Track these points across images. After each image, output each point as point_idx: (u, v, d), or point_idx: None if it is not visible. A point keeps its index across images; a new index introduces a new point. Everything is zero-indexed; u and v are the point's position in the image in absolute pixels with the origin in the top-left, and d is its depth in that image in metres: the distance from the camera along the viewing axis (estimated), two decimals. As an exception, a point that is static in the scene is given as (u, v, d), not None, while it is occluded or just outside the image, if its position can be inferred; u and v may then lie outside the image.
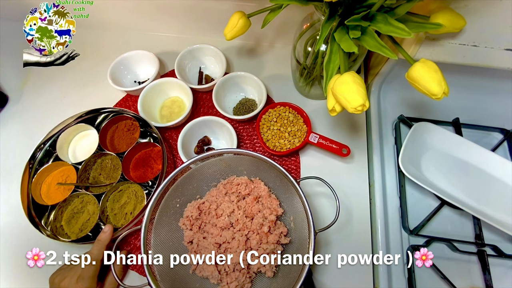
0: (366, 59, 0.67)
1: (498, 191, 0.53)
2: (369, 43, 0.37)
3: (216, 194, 0.48)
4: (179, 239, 0.47)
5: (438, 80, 0.34)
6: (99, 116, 0.57)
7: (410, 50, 0.47)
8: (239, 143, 0.60)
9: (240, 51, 0.70)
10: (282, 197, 0.47)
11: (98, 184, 0.53)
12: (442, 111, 0.60)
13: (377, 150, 0.57)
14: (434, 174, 0.54)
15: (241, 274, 0.43)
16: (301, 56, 0.54)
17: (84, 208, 0.52)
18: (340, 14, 0.39)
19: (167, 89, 0.62)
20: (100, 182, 0.54)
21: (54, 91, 0.66)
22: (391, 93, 0.63)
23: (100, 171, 0.55)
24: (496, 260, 0.50)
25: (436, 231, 0.51)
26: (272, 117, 0.57)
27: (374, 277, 0.50)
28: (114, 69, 0.62)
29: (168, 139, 0.61)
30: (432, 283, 0.49)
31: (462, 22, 0.40)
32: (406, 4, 0.35)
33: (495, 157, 0.54)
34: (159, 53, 0.67)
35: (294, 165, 0.58)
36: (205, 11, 0.64)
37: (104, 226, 0.47)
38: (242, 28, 0.48)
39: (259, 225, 0.44)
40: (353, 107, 0.35)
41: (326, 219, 0.53)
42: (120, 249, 0.52)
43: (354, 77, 0.35)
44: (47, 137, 0.54)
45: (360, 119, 0.61)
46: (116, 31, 0.72)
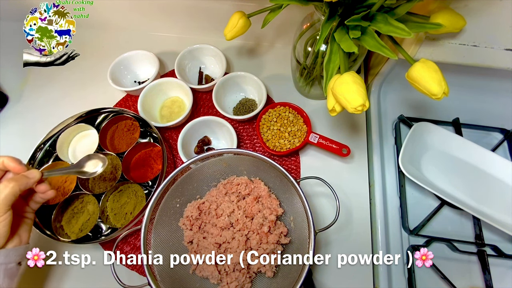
0: (366, 59, 0.67)
1: (498, 191, 0.53)
2: (369, 43, 0.37)
3: (216, 194, 0.48)
4: (179, 239, 0.47)
5: (438, 80, 0.34)
6: (99, 116, 0.57)
7: (410, 50, 0.47)
8: (239, 143, 0.60)
9: (240, 51, 0.70)
10: (282, 197, 0.47)
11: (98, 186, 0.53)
12: (442, 111, 0.60)
13: (377, 150, 0.57)
14: (434, 174, 0.54)
15: (241, 274, 0.43)
16: (301, 56, 0.54)
17: (84, 208, 0.52)
18: (340, 14, 0.39)
19: (167, 89, 0.62)
20: (100, 182, 0.54)
21: (54, 91, 0.66)
22: (391, 93, 0.63)
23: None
24: (496, 260, 0.50)
25: (436, 231, 0.51)
26: (272, 117, 0.57)
27: (374, 277, 0.50)
28: (114, 69, 0.62)
29: (168, 139, 0.61)
30: (432, 283, 0.49)
31: (462, 22, 0.40)
32: (406, 4, 0.35)
33: (495, 157, 0.54)
34: (159, 53, 0.67)
35: (294, 165, 0.58)
36: (205, 11, 0.64)
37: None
38: (242, 28, 0.48)
39: (259, 225, 0.44)
40: (353, 107, 0.35)
41: (326, 219, 0.53)
42: (121, 249, 0.52)
43: (354, 77, 0.35)
44: (47, 137, 0.54)
45: (360, 119, 0.61)
46: (116, 31, 0.72)
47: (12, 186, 0.36)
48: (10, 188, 0.36)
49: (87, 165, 0.45)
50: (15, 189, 0.36)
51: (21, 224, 0.40)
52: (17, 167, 0.38)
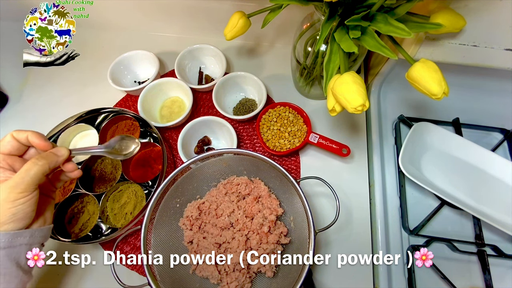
0: (366, 59, 0.67)
1: (498, 191, 0.53)
2: (369, 43, 0.37)
3: (216, 194, 0.48)
4: (179, 239, 0.47)
5: (438, 80, 0.34)
6: (99, 116, 0.57)
7: (410, 50, 0.47)
8: (239, 143, 0.60)
9: (240, 51, 0.70)
10: (282, 197, 0.47)
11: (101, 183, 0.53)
12: (442, 111, 0.60)
13: (377, 150, 0.57)
14: (434, 174, 0.54)
15: (241, 274, 0.43)
16: (301, 56, 0.54)
17: (84, 208, 0.52)
18: (340, 14, 0.39)
19: (167, 89, 0.62)
20: (100, 182, 0.54)
21: (54, 91, 0.66)
22: (391, 93, 0.63)
23: (101, 171, 0.55)
24: (496, 260, 0.50)
25: (436, 231, 0.51)
26: (272, 117, 0.57)
27: (374, 277, 0.50)
28: (114, 69, 0.62)
29: (168, 139, 0.61)
30: (432, 283, 0.49)
31: (462, 22, 0.40)
32: (406, 4, 0.35)
33: (495, 157, 0.54)
34: (159, 53, 0.67)
35: (294, 165, 0.58)
36: (205, 11, 0.64)
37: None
38: (242, 28, 0.48)
39: (259, 225, 0.44)
40: (353, 107, 0.35)
41: (326, 219, 0.53)
42: (121, 249, 0.52)
43: (354, 77, 0.35)
44: (47, 137, 0.54)
45: (360, 119, 0.61)
46: (116, 31, 0.72)
47: (42, 164, 0.34)
48: (40, 166, 0.33)
49: (119, 146, 0.43)
50: (45, 167, 0.34)
51: (46, 204, 0.39)
52: (42, 143, 0.36)
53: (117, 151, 0.43)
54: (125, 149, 0.44)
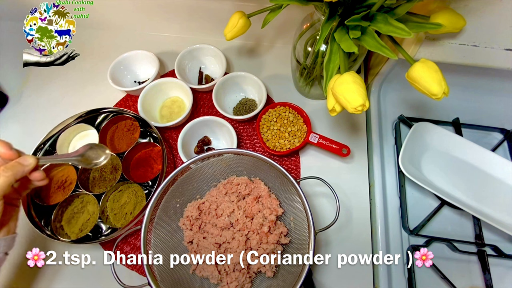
0: (366, 59, 0.67)
1: (498, 191, 0.53)
2: (369, 43, 0.37)
3: (216, 194, 0.48)
4: (179, 239, 0.47)
5: (438, 80, 0.34)
6: (99, 116, 0.57)
7: (410, 50, 0.47)
8: (239, 143, 0.60)
9: (240, 51, 0.70)
10: (282, 197, 0.47)
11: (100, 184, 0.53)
12: (442, 111, 0.60)
13: (377, 150, 0.57)
14: (434, 174, 0.54)
15: (241, 274, 0.43)
16: (301, 56, 0.54)
17: (84, 208, 0.52)
18: (340, 14, 0.39)
19: (167, 89, 0.62)
20: (100, 182, 0.54)
21: (54, 91, 0.66)
22: (391, 93, 0.63)
23: (101, 171, 0.55)
24: (496, 260, 0.50)
25: (436, 231, 0.51)
26: (272, 117, 0.57)
27: (374, 277, 0.50)
28: (114, 69, 0.62)
29: (168, 139, 0.61)
30: (432, 283, 0.49)
31: (462, 22, 0.40)
32: (406, 4, 0.35)
33: (495, 157, 0.54)
34: (159, 53, 0.67)
35: (294, 165, 0.58)
36: (205, 11, 0.64)
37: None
38: (242, 28, 0.48)
39: (259, 225, 0.44)
40: (353, 107, 0.35)
41: (326, 219, 0.53)
42: (121, 249, 0.52)
43: (354, 77, 0.35)
44: (47, 137, 0.54)
45: (360, 119, 0.61)
46: (116, 31, 0.72)
47: (7, 176, 0.33)
48: (6, 177, 0.33)
49: (88, 155, 0.42)
50: (11, 179, 0.33)
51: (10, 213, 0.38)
52: (7, 153, 0.35)
53: (87, 160, 0.42)
54: (95, 158, 0.43)
